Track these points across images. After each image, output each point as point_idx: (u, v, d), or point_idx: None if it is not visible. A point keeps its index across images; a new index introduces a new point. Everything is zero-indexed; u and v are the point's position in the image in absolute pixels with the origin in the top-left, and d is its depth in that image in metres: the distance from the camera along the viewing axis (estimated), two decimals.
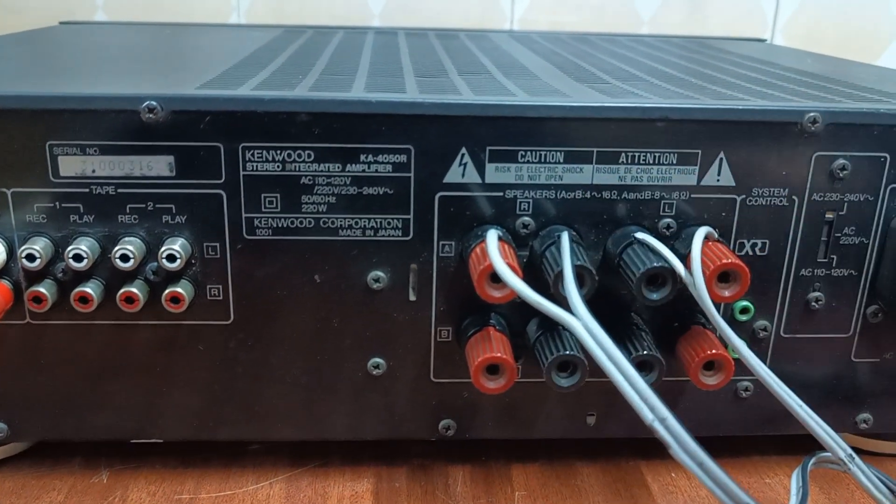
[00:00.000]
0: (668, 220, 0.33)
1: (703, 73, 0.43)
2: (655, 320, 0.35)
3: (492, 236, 0.30)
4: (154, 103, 0.30)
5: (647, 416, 0.25)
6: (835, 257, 0.34)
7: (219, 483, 0.36)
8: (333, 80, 0.36)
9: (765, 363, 0.32)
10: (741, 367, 0.32)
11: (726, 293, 0.31)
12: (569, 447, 0.39)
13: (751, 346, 0.32)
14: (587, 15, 0.76)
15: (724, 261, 0.30)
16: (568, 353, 0.31)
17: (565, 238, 0.31)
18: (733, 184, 0.33)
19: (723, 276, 0.31)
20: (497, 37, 0.62)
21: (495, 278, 0.30)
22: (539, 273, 0.32)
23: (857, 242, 0.34)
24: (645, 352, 0.32)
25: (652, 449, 0.38)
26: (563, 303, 0.29)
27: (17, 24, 0.73)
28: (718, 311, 0.32)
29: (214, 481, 0.36)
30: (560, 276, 0.30)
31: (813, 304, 0.35)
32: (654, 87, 0.38)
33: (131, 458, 0.37)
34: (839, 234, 0.34)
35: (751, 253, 0.34)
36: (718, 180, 0.33)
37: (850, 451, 0.31)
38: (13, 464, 0.37)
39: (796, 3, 0.77)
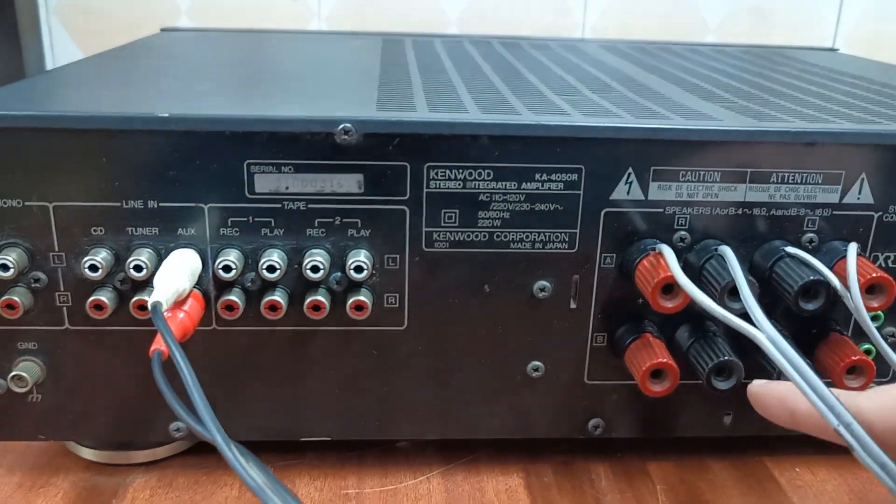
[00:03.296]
0: (811, 234, 0.36)
1: (815, 92, 0.46)
2: (791, 328, 0.37)
3: (668, 251, 0.33)
4: (349, 125, 0.32)
5: (833, 421, 0.28)
6: None
7: (379, 478, 0.38)
8: (495, 101, 0.38)
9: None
10: None
11: (874, 304, 0.34)
12: (696, 444, 0.41)
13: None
14: (655, 23, 0.78)
15: (874, 274, 0.33)
16: (726, 358, 0.34)
17: (730, 252, 0.33)
18: (872, 202, 0.35)
19: (869, 288, 0.34)
20: (587, 47, 0.64)
21: (667, 290, 0.33)
22: (698, 285, 0.34)
23: None
24: None
25: (773, 444, 0.41)
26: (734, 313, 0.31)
27: (104, 28, 0.75)
28: None
29: (374, 476, 0.39)
30: (729, 287, 0.32)
31: None
32: (787, 109, 0.40)
33: (289, 456, 0.40)
34: None
35: (884, 265, 0.37)
36: (859, 198, 0.35)
37: None
38: (180, 460, 0.39)
39: (858, 11, 0.79)
